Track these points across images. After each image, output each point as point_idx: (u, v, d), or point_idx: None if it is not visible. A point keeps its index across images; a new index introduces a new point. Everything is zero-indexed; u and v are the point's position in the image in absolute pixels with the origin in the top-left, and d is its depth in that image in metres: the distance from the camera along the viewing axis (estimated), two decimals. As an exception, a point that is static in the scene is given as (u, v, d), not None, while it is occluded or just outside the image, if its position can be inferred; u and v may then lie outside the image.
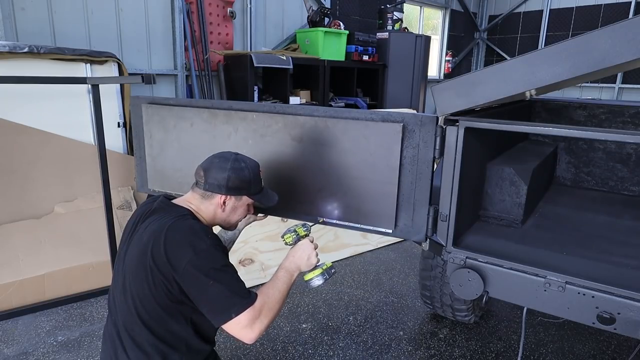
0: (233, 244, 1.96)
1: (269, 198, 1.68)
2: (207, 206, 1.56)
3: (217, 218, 1.59)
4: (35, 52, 3.19)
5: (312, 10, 5.63)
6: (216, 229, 1.65)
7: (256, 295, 1.42)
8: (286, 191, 1.90)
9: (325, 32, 5.45)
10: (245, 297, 1.38)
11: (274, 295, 1.47)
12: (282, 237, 1.76)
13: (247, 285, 1.43)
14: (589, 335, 2.78)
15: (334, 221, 1.85)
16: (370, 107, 6.18)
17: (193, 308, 1.43)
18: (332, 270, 1.68)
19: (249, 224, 1.94)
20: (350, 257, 3.85)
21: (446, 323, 2.90)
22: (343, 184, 1.78)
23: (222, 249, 1.50)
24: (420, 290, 2.82)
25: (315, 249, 1.66)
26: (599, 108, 3.01)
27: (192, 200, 1.57)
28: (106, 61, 3.58)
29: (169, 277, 1.36)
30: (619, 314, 1.51)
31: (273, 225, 3.49)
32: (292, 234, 1.74)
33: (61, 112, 3.40)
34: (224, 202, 1.56)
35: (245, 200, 1.62)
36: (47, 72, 3.24)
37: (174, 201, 1.58)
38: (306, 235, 1.74)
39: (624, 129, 2.94)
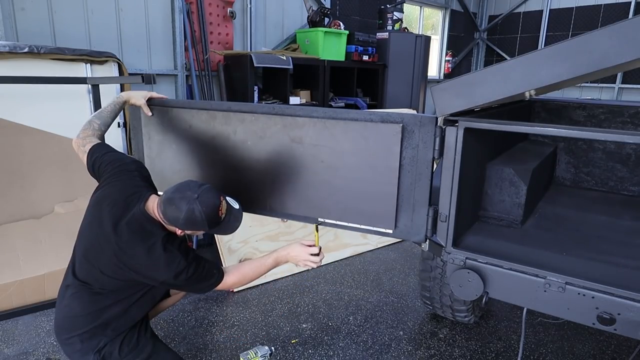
0: None
1: (227, 228, 1.78)
2: (169, 226, 1.72)
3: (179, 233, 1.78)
4: (35, 52, 3.19)
5: (312, 10, 5.63)
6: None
7: (224, 273, 1.79)
8: (286, 192, 1.90)
9: (325, 32, 5.45)
10: (214, 280, 1.76)
11: (249, 277, 1.83)
12: None
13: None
14: (589, 335, 2.78)
15: (334, 221, 1.86)
16: (370, 107, 6.17)
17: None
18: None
19: None
20: (350, 257, 3.85)
21: (446, 323, 2.90)
22: (343, 184, 1.78)
23: (191, 253, 1.73)
24: (420, 290, 2.81)
25: (313, 257, 1.85)
26: (598, 108, 3.01)
27: (158, 217, 1.71)
28: (106, 61, 3.58)
29: (149, 282, 1.73)
30: (619, 314, 1.51)
31: (273, 225, 3.49)
32: None
33: (61, 112, 3.40)
34: (181, 232, 1.73)
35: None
36: (47, 72, 3.24)
37: (149, 210, 1.72)
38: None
39: (624, 129, 2.94)
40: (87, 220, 1.79)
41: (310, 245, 1.86)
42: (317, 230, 1.89)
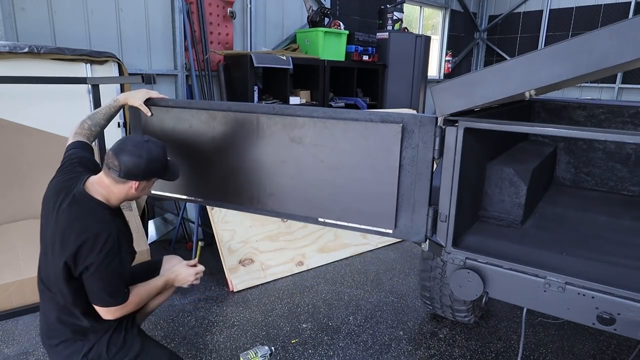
0: None
1: (174, 173, 1.83)
2: (120, 189, 1.69)
3: (127, 197, 1.74)
4: (35, 52, 3.19)
5: (312, 10, 5.62)
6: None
7: (128, 296, 1.70)
8: (286, 192, 1.90)
9: (325, 32, 5.45)
10: (122, 297, 1.68)
11: (144, 299, 1.81)
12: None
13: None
14: (589, 335, 2.78)
15: (334, 221, 1.86)
16: (370, 107, 6.17)
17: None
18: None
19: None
20: (350, 257, 3.85)
21: (446, 323, 2.90)
22: (343, 184, 1.78)
23: (124, 247, 1.69)
24: (420, 290, 2.82)
25: (197, 275, 1.95)
26: (598, 108, 3.01)
27: (103, 185, 1.69)
28: (106, 61, 3.58)
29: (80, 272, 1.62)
30: (619, 314, 1.51)
31: (273, 225, 3.49)
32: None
33: (61, 112, 3.40)
34: (137, 186, 1.71)
35: (154, 179, 1.78)
36: (47, 72, 3.24)
37: (89, 189, 1.70)
38: None
39: (624, 129, 2.94)
40: (40, 220, 1.78)
41: (193, 265, 1.99)
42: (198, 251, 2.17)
